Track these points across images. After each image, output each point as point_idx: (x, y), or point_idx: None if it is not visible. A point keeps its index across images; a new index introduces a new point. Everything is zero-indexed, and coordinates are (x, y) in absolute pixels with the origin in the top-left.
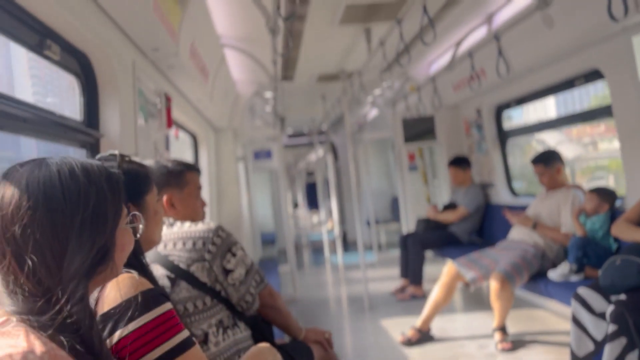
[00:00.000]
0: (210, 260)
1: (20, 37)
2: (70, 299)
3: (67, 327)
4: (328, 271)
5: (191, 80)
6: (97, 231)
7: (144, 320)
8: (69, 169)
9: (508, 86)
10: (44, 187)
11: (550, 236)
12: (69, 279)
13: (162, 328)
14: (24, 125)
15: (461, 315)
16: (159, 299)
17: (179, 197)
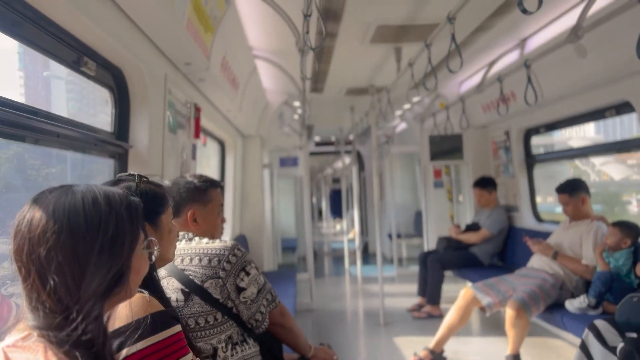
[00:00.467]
0: (224, 278)
1: (58, 55)
2: (86, 317)
3: (82, 343)
4: (347, 282)
5: (221, 91)
6: (115, 256)
7: (151, 341)
8: (92, 197)
9: (538, 111)
10: (69, 213)
11: (571, 267)
12: (87, 299)
13: (168, 350)
14: (57, 140)
15: (476, 340)
16: (168, 321)
17: (201, 213)
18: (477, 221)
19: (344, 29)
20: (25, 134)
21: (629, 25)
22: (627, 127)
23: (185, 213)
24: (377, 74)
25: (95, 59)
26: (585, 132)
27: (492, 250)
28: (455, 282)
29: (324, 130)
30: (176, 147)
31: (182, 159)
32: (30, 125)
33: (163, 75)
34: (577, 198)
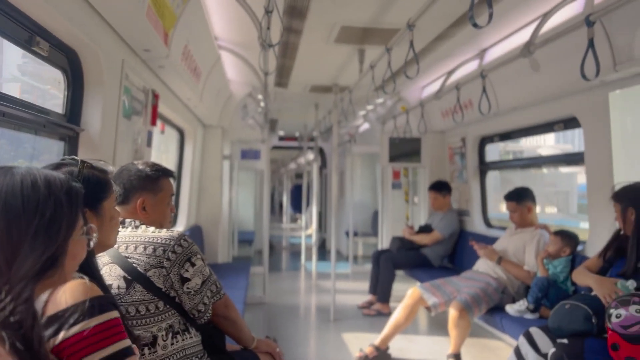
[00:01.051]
0: (168, 268)
1: (8, 33)
2: (15, 298)
3: (10, 324)
4: (302, 277)
5: (182, 79)
6: (50, 240)
7: (87, 325)
8: (32, 179)
9: (493, 120)
10: (6, 194)
11: (513, 272)
12: (18, 280)
13: (105, 334)
14: (2, 119)
15: (421, 338)
16: (106, 306)
17: (151, 202)
18: (430, 223)
19: (309, 27)
20: None
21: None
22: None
23: (134, 201)
24: (341, 73)
25: (48, 40)
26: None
27: (442, 252)
28: (406, 282)
29: (288, 125)
30: (131, 133)
31: (136, 145)
32: None
33: (120, 60)
34: (523, 206)
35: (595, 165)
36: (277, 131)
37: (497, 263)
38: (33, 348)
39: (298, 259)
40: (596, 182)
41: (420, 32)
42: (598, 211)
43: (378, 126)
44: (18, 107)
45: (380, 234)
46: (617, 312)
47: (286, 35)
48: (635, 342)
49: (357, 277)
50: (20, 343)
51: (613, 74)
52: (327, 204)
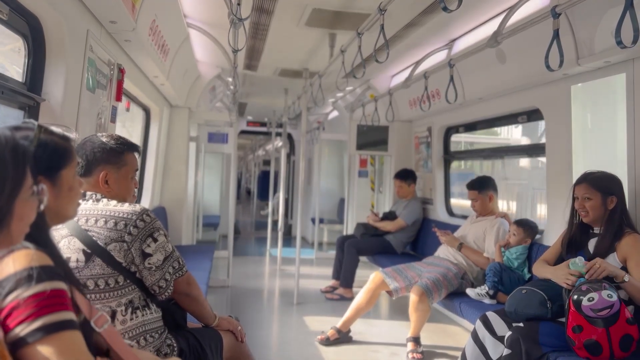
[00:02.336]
0: (129, 242)
1: None
2: None
3: None
4: (267, 262)
5: (148, 55)
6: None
7: (29, 291)
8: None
9: (459, 111)
10: None
11: (473, 259)
12: None
13: (46, 302)
14: None
15: (382, 322)
16: (50, 275)
17: (114, 176)
18: (394, 210)
19: (281, 8)
20: None
21: (542, 37)
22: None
23: (97, 174)
24: (311, 58)
25: (8, 3)
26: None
27: (405, 239)
28: (370, 268)
29: (257, 110)
30: (95, 107)
31: (100, 120)
32: None
33: (85, 30)
34: (485, 195)
35: (556, 156)
36: (246, 116)
37: (458, 249)
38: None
39: (263, 245)
40: (556, 172)
41: (391, 18)
42: (556, 200)
43: (346, 114)
44: None
45: (345, 221)
46: (590, 295)
47: (257, 16)
48: (599, 325)
49: (322, 263)
50: None
51: (576, 67)
52: (294, 191)
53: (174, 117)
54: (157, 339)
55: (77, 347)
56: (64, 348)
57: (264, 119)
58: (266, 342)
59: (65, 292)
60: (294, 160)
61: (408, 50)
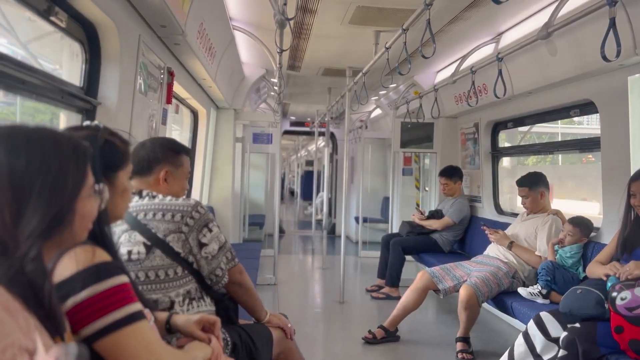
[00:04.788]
0: (186, 233)
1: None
2: (23, 257)
3: (20, 282)
4: (311, 261)
5: (196, 58)
6: (56, 197)
7: (95, 290)
8: (38, 136)
9: (507, 105)
10: (10, 153)
11: (524, 258)
12: (25, 238)
13: (113, 299)
14: (22, 87)
15: (430, 321)
16: (113, 271)
17: (173, 174)
18: (440, 209)
19: (324, 7)
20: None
21: (597, 26)
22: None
23: (157, 171)
24: (355, 56)
25: (67, 10)
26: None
27: (452, 237)
28: (416, 267)
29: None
30: (147, 110)
31: (151, 122)
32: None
33: (137, 35)
34: (536, 192)
35: (612, 151)
36: (289, 116)
37: (508, 248)
38: (44, 306)
39: (308, 244)
40: (612, 168)
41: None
42: (612, 197)
43: (390, 112)
44: (38, 76)
45: (390, 220)
46: (622, 294)
47: (301, 15)
48: (638, 324)
49: (366, 262)
50: (32, 301)
51: (633, 57)
52: (337, 190)
53: (220, 119)
54: None
55: (149, 334)
56: (139, 338)
57: (306, 119)
58: (312, 340)
59: (129, 284)
60: (337, 160)
61: (453, 45)
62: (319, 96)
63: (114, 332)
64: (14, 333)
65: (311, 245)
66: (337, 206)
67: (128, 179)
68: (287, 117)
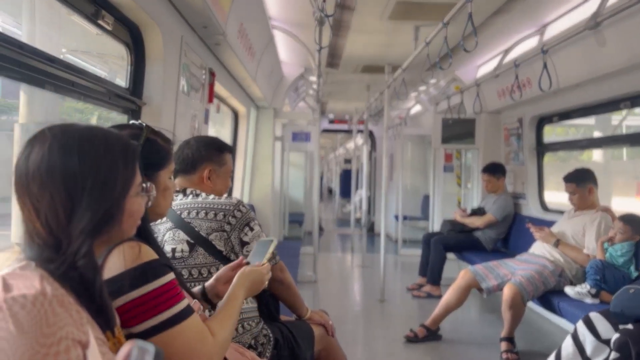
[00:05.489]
0: (229, 231)
1: (76, 6)
2: (74, 253)
3: (72, 277)
4: (350, 259)
5: (237, 58)
6: (106, 196)
7: (144, 290)
8: (89, 136)
9: (552, 99)
10: (63, 151)
11: (572, 256)
12: (77, 234)
13: (162, 298)
14: (72, 89)
15: (473, 320)
16: (161, 269)
17: (217, 173)
18: (483, 206)
19: (363, 3)
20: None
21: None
22: None
23: (201, 170)
24: (394, 52)
25: (113, 14)
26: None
27: (495, 235)
28: (457, 265)
29: (338, 108)
30: (189, 110)
31: (194, 121)
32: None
33: (179, 37)
34: (584, 188)
35: None
36: (327, 114)
37: (555, 246)
38: (95, 301)
39: (346, 242)
40: None
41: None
42: None
43: (430, 107)
44: (86, 78)
45: (431, 218)
46: None
47: (339, 12)
48: None
49: (406, 261)
50: (84, 295)
51: None
52: (375, 188)
53: (260, 118)
54: (254, 328)
55: (199, 327)
56: (189, 333)
57: (344, 117)
58: (353, 338)
59: (175, 281)
60: (376, 157)
61: (495, 39)
62: (357, 94)
63: (165, 331)
64: (68, 326)
65: (350, 243)
66: (376, 204)
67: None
68: (325, 115)
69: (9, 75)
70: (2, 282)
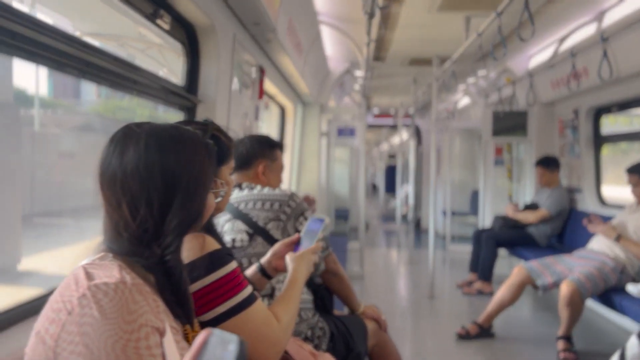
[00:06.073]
0: (285, 221)
1: (136, 6)
2: (165, 248)
3: (160, 270)
4: (397, 255)
5: (286, 54)
6: (196, 194)
7: (212, 279)
8: (178, 135)
9: (610, 89)
10: (160, 152)
11: (635, 251)
12: (169, 231)
13: (229, 286)
14: (133, 86)
15: (527, 318)
16: (225, 258)
17: (270, 168)
18: (536, 201)
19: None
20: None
21: None
22: None
23: (256, 166)
24: (442, 44)
25: (170, 13)
26: None
27: (550, 231)
28: (509, 261)
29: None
30: (241, 106)
31: (245, 118)
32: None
33: (232, 35)
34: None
35: None
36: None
37: (616, 240)
38: (180, 293)
39: (393, 237)
40: None
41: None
42: None
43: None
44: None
45: (481, 213)
46: None
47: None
48: None
49: (454, 257)
50: (168, 288)
51: None
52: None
53: (306, 114)
54: (310, 318)
55: (264, 312)
56: (256, 317)
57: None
58: (402, 335)
59: (238, 269)
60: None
61: (549, 28)
62: (403, 87)
63: (233, 317)
64: (147, 313)
65: (396, 238)
66: (422, 199)
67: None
68: (370, 110)
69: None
70: (84, 271)
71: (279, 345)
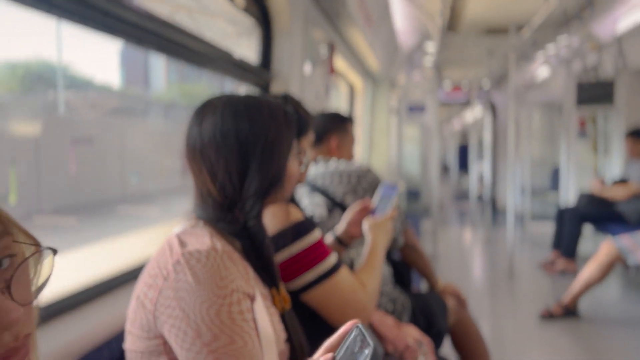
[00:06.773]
0: (361, 194)
1: None
2: (248, 212)
3: (244, 235)
4: (471, 234)
5: (355, 28)
6: (273, 159)
7: (299, 247)
8: (255, 103)
9: None
10: (235, 119)
11: None
12: (249, 196)
13: (316, 253)
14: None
15: (616, 298)
16: (309, 228)
17: (343, 141)
18: (626, 176)
19: None
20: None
21: None
22: None
23: (329, 141)
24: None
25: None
26: None
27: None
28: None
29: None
30: (313, 83)
31: (317, 94)
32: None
33: (304, 10)
34: None
35: None
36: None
37: None
38: (263, 257)
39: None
40: None
41: None
42: None
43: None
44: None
45: (564, 190)
46: None
47: None
48: None
49: (532, 235)
50: (253, 252)
51: None
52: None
53: (376, 90)
54: (392, 291)
55: (350, 278)
56: (343, 283)
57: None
58: (481, 315)
59: (322, 238)
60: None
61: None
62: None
63: (321, 282)
64: (238, 279)
65: (470, 218)
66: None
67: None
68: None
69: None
70: (177, 239)
71: (366, 310)
